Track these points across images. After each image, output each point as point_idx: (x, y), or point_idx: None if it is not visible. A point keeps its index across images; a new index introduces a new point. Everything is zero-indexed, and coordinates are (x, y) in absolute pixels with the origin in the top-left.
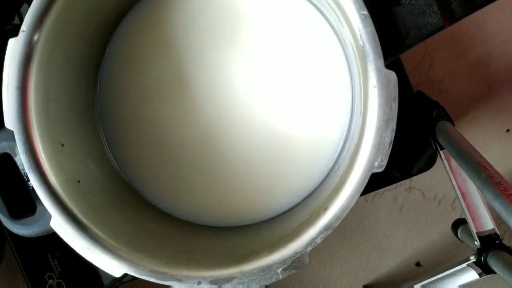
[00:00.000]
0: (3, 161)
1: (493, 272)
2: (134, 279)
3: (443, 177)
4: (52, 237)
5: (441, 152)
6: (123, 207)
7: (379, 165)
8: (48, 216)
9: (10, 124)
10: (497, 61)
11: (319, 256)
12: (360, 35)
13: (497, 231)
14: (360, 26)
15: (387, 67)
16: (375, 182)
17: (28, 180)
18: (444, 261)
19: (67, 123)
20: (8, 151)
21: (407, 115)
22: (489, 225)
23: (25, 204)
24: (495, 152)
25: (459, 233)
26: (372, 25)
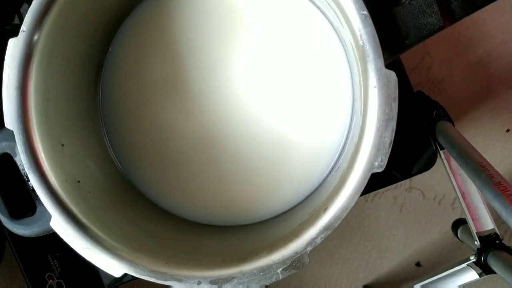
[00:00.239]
0: (3, 161)
1: (493, 272)
2: (134, 279)
3: (443, 177)
4: (52, 237)
5: (441, 152)
6: (123, 207)
7: (379, 165)
8: (48, 216)
9: (10, 124)
10: (497, 61)
11: (319, 256)
12: (360, 35)
13: (497, 231)
14: (360, 26)
15: (387, 67)
16: (375, 182)
17: (28, 180)
18: (444, 261)
19: (67, 123)
20: (8, 151)
21: (407, 115)
22: (489, 225)
23: (25, 204)
24: (495, 152)
25: (459, 233)
26: (372, 25)
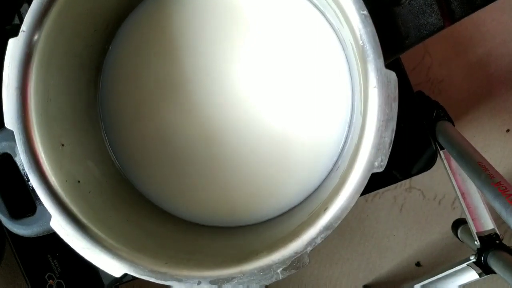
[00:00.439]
0: (3, 161)
1: (493, 272)
2: (134, 279)
3: (443, 177)
4: (52, 237)
5: (441, 152)
6: (123, 207)
7: (379, 165)
8: (48, 216)
9: (10, 124)
10: (497, 61)
11: (319, 256)
12: (360, 35)
13: (497, 231)
14: (360, 26)
15: (387, 67)
16: (375, 182)
17: (28, 180)
18: (444, 261)
19: (67, 123)
20: (8, 151)
21: (407, 115)
22: (489, 225)
23: (25, 204)
24: (495, 152)
25: (459, 233)
26: (372, 25)
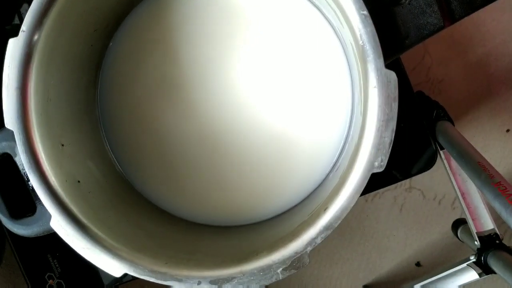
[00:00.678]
0: (3, 161)
1: (493, 272)
2: (134, 279)
3: (443, 177)
4: (52, 237)
5: (441, 152)
6: (123, 207)
7: (379, 165)
8: (48, 216)
9: (10, 124)
10: (497, 61)
11: (319, 256)
12: (360, 35)
13: (497, 231)
14: (360, 26)
15: (387, 67)
16: (375, 182)
17: (28, 180)
18: (444, 261)
19: (67, 123)
20: (8, 151)
21: (407, 115)
22: (489, 225)
23: (25, 204)
24: (495, 152)
25: (459, 233)
26: (372, 25)
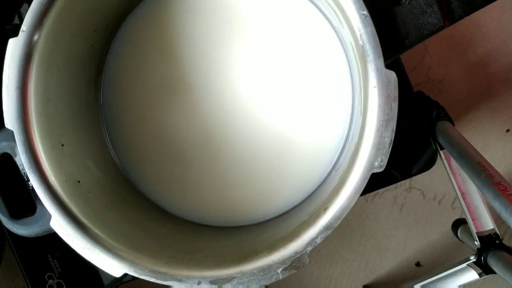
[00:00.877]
0: (3, 161)
1: (493, 272)
2: (134, 279)
3: (443, 177)
4: (52, 237)
5: (441, 152)
6: (123, 207)
7: (379, 165)
8: (48, 216)
9: (10, 124)
10: (497, 61)
11: (319, 256)
12: (360, 35)
13: (497, 231)
14: (360, 26)
15: (387, 67)
16: (375, 182)
17: (28, 180)
18: (444, 261)
19: (67, 123)
20: (8, 151)
21: (407, 115)
22: (489, 225)
23: (25, 204)
24: (495, 152)
25: (459, 233)
26: (372, 25)
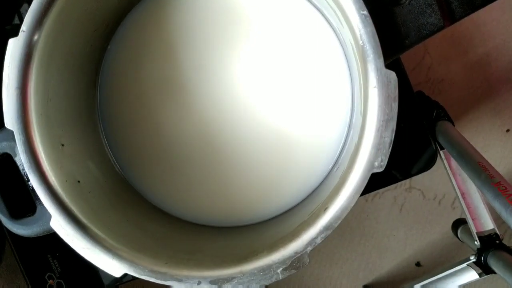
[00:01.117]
0: (3, 161)
1: (493, 272)
2: (134, 279)
3: (443, 177)
4: (52, 237)
5: (441, 152)
6: (123, 207)
7: (379, 165)
8: (48, 216)
9: (10, 124)
10: (497, 61)
11: (319, 256)
12: (360, 35)
13: (497, 231)
14: (360, 26)
15: (387, 67)
16: (375, 182)
17: (28, 180)
18: (444, 261)
19: (67, 123)
20: (8, 151)
21: (407, 115)
22: (489, 225)
23: (25, 204)
24: (495, 152)
25: (459, 233)
26: (372, 25)
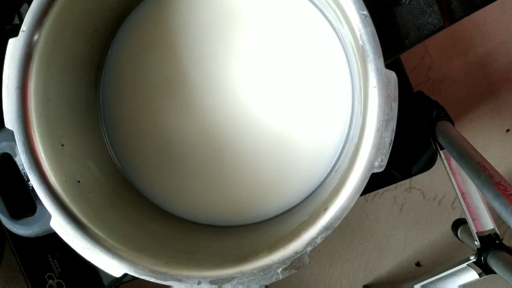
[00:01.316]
0: (3, 161)
1: (493, 272)
2: (134, 279)
3: (443, 177)
4: (52, 237)
5: (441, 152)
6: (123, 207)
7: (379, 165)
8: (48, 216)
9: (10, 124)
10: (497, 61)
11: (319, 256)
12: (360, 35)
13: (497, 231)
14: (360, 26)
15: (387, 67)
16: (375, 182)
17: (28, 180)
18: (444, 261)
19: (67, 123)
20: (8, 151)
21: (407, 115)
22: (489, 225)
23: (25, 204)
24: (495, 152)
25: (459, 233)
26: (372, 25)
